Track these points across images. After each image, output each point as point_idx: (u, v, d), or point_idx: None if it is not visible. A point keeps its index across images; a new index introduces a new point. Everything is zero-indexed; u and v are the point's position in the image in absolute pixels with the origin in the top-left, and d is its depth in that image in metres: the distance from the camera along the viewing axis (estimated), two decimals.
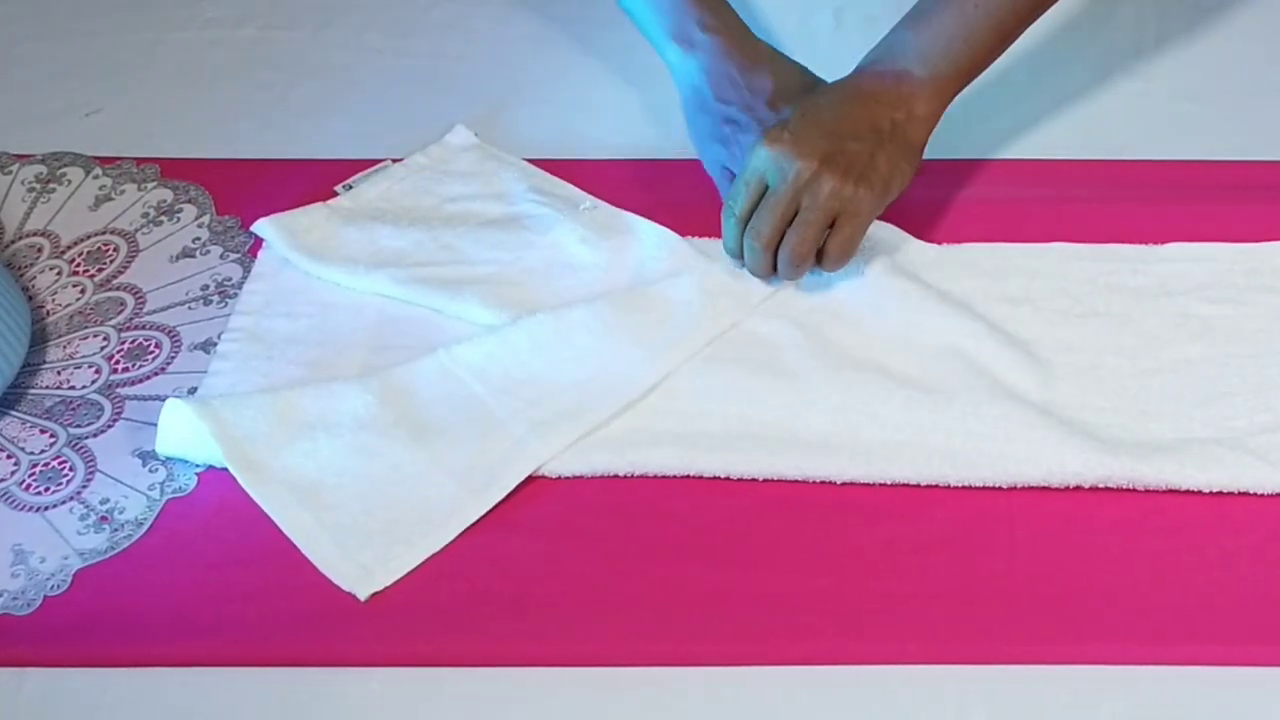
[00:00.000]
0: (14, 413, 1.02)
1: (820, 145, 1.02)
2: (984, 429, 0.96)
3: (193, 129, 1.24)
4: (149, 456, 0.98)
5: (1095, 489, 0.94)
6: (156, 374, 1.04)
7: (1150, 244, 1.09)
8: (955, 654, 0.87)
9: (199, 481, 0.97)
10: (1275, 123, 1.20)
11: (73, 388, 1.03)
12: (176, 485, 0.97)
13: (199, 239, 1.13)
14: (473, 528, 0.93)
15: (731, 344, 1.02)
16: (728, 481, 0.96)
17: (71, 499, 0.96)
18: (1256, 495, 0.94)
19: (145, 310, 1.08)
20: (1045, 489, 0.94)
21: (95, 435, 1.00)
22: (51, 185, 1.18)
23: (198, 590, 0.91)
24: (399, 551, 0.92)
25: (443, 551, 0.92)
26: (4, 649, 0.89)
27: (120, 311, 1.08)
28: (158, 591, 0.91)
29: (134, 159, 1.19)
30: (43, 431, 1.01)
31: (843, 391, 0.99)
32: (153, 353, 1.05)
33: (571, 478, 0.96)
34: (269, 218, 1.11)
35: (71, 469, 0.98)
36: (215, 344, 1.05)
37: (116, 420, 1.01)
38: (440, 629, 0.89)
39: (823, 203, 1.01)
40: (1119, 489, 0.94)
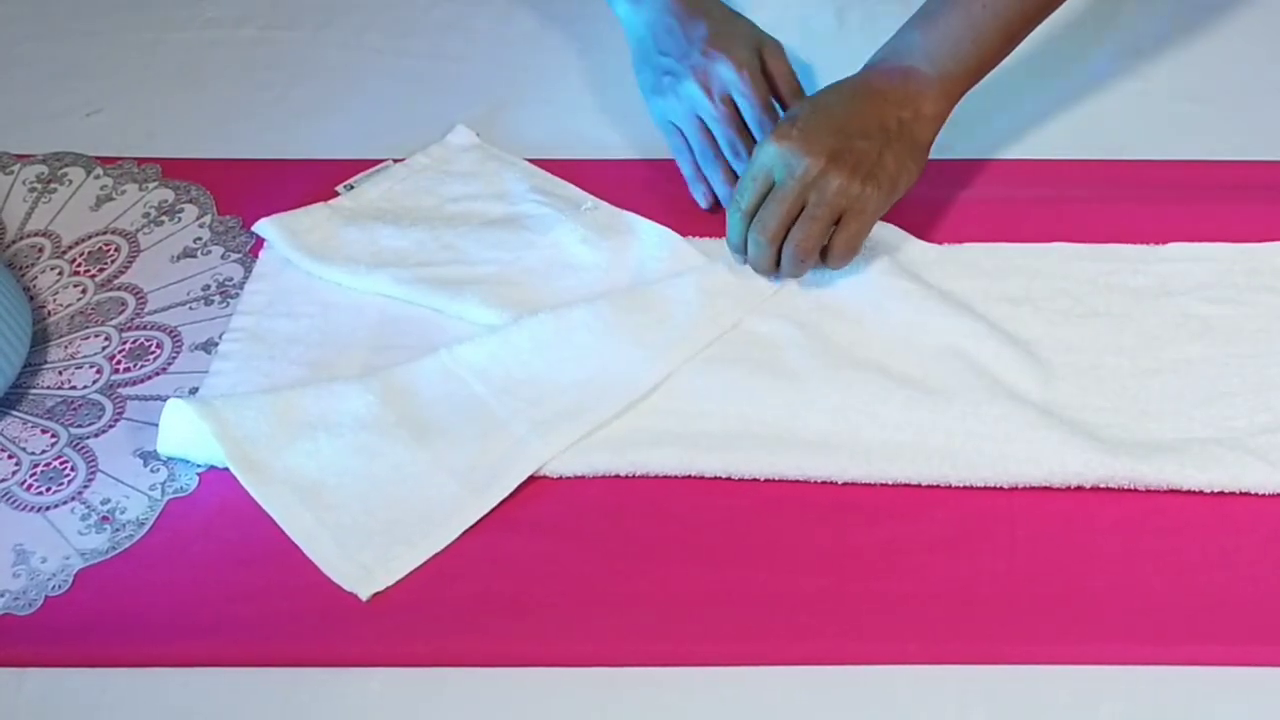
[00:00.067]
0: (15, 413, 1.02)
1: (828, 142, 1.02)
2: (984, 429, 0.96)
3: (193, 129, 1.24)
4: (150, 456, 0.98)
5: (1096, 489, 0.94)
6: (158, 374, 1.04)
7: (1150, 244, 1.09)
8: (955, 654, 0.87)
9: (200, 481, 0.97)
10: (1275, 123, 1.20)
11: (74, 388, 1.03)
12: (178, 485, 0.97)
13: (200, 239, 1.13)
14: (474, 528, 0.93)
15: (732, 344, 1.02)
16: (728, 481, 0.96)
17: (73, 499, 0.96)
18: (1257, 495, 0.94)
19: (146, 310, 1.08)
20: (1046, 489, 0.94)
21: (96, 435, 1.00)
22: (53, 185, 1.18)
23: (199, 590, 0.91)
24: (400, 551, 0.92)
25: (444, 551, 0.92)
26: (5, 649, 0.89)
27: (121, 311, 1.08)
28: (159, 591, 0.91)
29: (135, 159, 1.19)
30: (44, 431, 1.01)
31: (843, 391, 0.99)
32: (154, 353, 1.05)
33: (572, 478, 0.96)
34: (270, 218, 1.11)
35: (73, 469, 0.98)
36: (216, 344, 1.05)
37: (118, 420, 1.01)
38: (441, 629, 0.89)
39: (829, 199, 1.01)
40: (1119, 489, 0.94)
